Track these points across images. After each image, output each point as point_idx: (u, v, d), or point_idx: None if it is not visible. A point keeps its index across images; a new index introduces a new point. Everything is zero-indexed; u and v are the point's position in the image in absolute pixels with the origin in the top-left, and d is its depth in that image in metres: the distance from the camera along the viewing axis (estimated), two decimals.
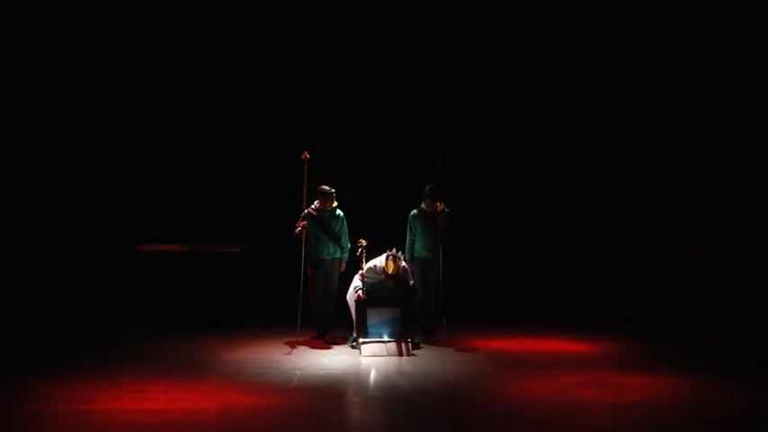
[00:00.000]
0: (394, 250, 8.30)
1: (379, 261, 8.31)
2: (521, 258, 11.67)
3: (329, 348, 8.27)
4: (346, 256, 8.78)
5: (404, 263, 8.49)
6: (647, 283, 10.97)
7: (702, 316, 9.99)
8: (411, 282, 8.52)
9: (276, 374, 6.98)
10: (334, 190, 8.65)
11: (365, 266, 8.36)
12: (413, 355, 7.94)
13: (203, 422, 5.49)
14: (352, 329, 8.47)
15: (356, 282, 8.39)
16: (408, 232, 8.85)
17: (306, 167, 8.54)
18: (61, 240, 10.80)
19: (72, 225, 10.87)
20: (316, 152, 8.75)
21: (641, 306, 10.73)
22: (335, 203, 8.69)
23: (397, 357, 7.78)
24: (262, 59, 11.44)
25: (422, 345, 8.43)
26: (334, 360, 7.69)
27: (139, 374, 6.89)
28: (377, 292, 8.31)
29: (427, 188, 8.77)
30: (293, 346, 8.34)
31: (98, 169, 11.13)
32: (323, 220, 8.60)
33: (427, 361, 7.70)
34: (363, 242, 8.37)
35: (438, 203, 8.74)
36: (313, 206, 8.60)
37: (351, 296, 8.45)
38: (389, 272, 8.23)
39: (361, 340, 8.05)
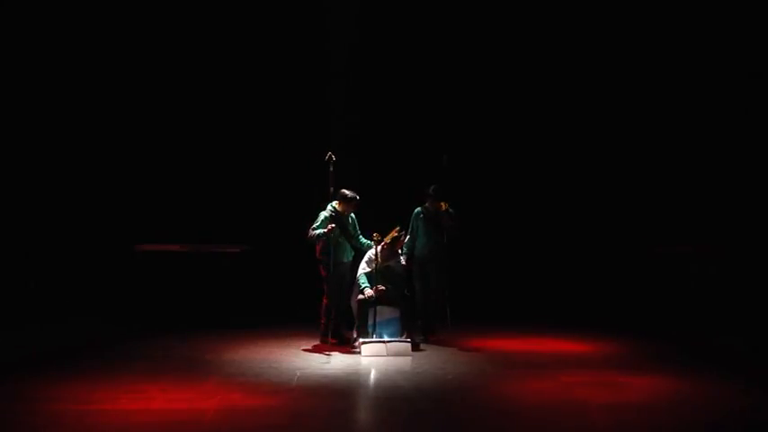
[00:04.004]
0: (398, 228, 8.40)
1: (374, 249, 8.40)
2: (522, 258, 11.67)
3: (329, 348, 8.25)
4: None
5: (403, 258, 8.61)
6: (647, 284, 10.96)
7: (702, 316, 9.99)
8: (402, 271, 8.57)
9: (276, 374, 6.98)
10: (358, 196, 8.50)
11: (367, 256, 8.44)
12: (413, 353, 7.94)
13: (203, 422, 5.49)
14: (352, 329, 8.48)
15: (361, 280, 8.39)
16: (410, 230, 8.85)
17: (331, 168, 8.37)
18: (60, 240, 10.79)
19: (71, 225, 10.86)
20: (317, 153, 8.67)
21: (641, 306, 10.72)
22: None
23: (397, 357, 7.78)
24: (263, 59, 11.44)
25: (422, 345, 8.42)
26: (334, 360, 7.69)
27: (139, 374, 6.89)
28: (373, 284, 8.30)
29: (431, 188, 8.79)
30: (293, 346, 8.34)
31: (97, 169, 11.12)
32: (344, 224, 8.50)
33: (427, 361, 7.69)
34: (377, 236, 8.33)
35: (442, 203, 8.75)
36: (331, 208, 8.44)
37: (355, 296, 8.47)
38: (387, 240, 8.27)
39: (361, 340, 8.05)
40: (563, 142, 11.86)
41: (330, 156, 8.35)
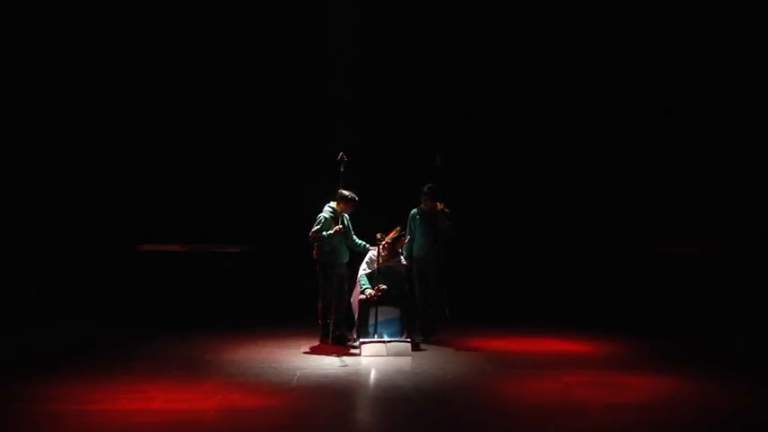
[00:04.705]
0: (398, 228, 8.44)
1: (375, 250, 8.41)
2: (521, 259, 11.67)
3: (329, 348, 8.25)
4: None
5: (403, 258, 8.64)
6: (648, 283, 10.96)
7: (703, 316, 9.98)
8: (403, 270, 8.58)
9: (276, 374, 6.98)
10: (357, 197, 8.54)
11: (368, 256, 8.46)
12: (413, 353, 7.94)
13: (203, 422, 5.49)
14: (352, 329, 8.49)
15: (362, 281, 8.39)
16: (407, 231, 8.86)
17: (342, 168, 8.33)
18: (62, 241, 10.79)
19: (72, 225, 10.86)
20: (314, 153, 8.66)
21: (642, 306, 10.72)
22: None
23: (397, 357, 7.78)
24: (261, 60, 11.45)
25: (422, 345, 8.43)
26: (334, 360, 7.69)
27: (139, 374, 6.89)
28: (374, 283, 8.31)
29: (426, 187, 8.79)
30: (293, 346, 8.34)
31: (98, 169, 11.13)
32: (344, 225, 8.49)
33: (427, 361, 7.69)
34: (380, 236, 8.33)
35: (438, 203, 8.75)
36: (330, 209, 8.45)
37: (356, 296, 8.48)
38: (387, 239, 8.28)
39: (361, 340, 8.05)
40: (561, 141, 11.86)
41: (342, 156, 8.34)
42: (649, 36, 11.48)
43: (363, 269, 8.51)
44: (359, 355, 7.87)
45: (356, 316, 8.46)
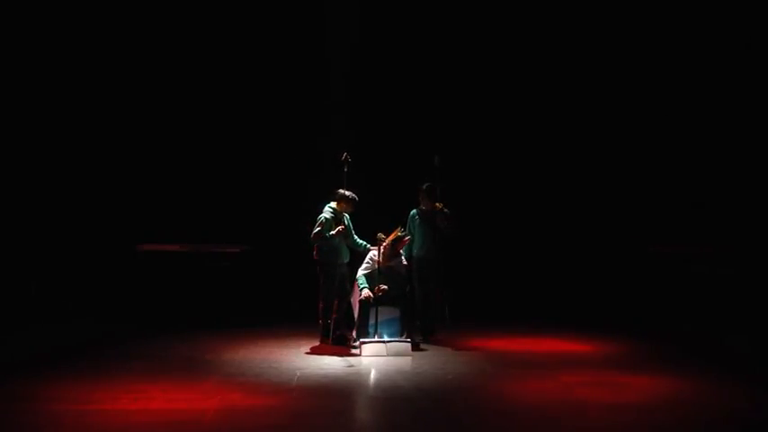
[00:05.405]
0: (400, 228, 8.44)
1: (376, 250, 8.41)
2: (520, 259, 11.67)
3: (330, 348, 8.26)
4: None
5: (404, 259, 8.62)
6: (646, 283, 10.96)
7: (703, 316, 9.98)
8: (404, 271, 8.58)
9: (276, 374, 6.98)
10: (356, 197, 8.54)
11: (368, 256, 8.46)
12: (413, 353, 7.94)
13: (203, 422, 5.49)
14: (352, 329, 8.49)
15: (360, 280, 8.39)
16: (407, 232, 8.86)
17: (346, 168, 8.35)
18: (62, 241, 10.79)
19: (72, 225, 10.86)
20: (313, 153, 8.64)
21: (641, 306, 10.72)
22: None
23: (397, 357, 7.78)
24: (261, 61, 11.45)
25: (422, 345, 8.43)
26: (334, 360, 7.69)
27: (139, 374, 6.89)
28: (374, 283, 8.31)
29: (424, 186, 8.80)
30: (293, 346, 8.34)
31: (98, 169, 11.13)
32: (345, 224, 8.49)
33: (427, 361, 7.69)
34: (382, 236, 8.34)
35: (437, 203, 8.75)
36: (330, 209, 8.45)
37: (356, 296, 8.48)
38: (389, 239, 8.28)
39: (361, 340, 8.06)
40: (560, 142, 11.85)
41: (346, 156, 8.34)
42: (647, 36, 11.47)
43: (363, 269, 8.50)
44: (359, 355, 7.88)
45: (356, 316, 8.46)
